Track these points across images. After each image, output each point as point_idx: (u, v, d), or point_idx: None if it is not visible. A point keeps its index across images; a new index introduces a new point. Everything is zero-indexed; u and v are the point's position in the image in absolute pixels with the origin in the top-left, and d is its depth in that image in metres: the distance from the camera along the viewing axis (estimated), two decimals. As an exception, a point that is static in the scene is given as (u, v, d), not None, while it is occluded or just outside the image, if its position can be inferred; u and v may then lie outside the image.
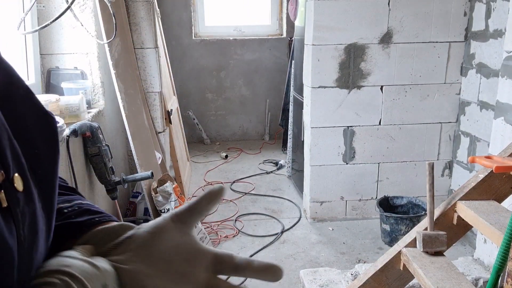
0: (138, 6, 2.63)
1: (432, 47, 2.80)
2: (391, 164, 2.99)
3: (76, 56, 2.20)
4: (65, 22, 2.11)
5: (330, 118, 2.86)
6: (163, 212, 2.28)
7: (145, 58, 2.71)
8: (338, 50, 2.75)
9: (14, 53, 1.97)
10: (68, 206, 0.53)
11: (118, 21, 2.24)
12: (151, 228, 0.45)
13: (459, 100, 2.91)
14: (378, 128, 2.92)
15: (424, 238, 1.66)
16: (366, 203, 3.06)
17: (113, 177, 1.96)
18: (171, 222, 0.46)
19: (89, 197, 1.92)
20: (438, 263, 1.62)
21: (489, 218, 1.57)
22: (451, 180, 3.05)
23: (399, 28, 2.74)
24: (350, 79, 2.81)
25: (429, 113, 2.92)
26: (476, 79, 2.70)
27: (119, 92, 2.18)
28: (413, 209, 2.83)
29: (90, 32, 2.11)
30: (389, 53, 2.78)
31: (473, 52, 2.73)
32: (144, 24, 2.65)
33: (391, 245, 2.55)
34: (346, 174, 2.97)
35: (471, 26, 2.74)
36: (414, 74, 2.84)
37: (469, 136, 2.81)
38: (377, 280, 1.81)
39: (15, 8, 1.90)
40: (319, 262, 2.53)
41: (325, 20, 2.69)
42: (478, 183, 1.72)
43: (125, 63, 2.39)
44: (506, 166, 1.50)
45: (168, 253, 0.44)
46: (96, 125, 1.87)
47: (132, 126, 2.23)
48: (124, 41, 2.47)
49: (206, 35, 4.70)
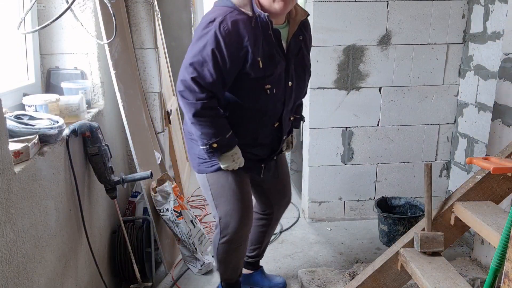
0: (138, 7, 2.63)
1: (430, 49, 2.81)
2: (389, 165, 3.01)
3: (76, 56, 2.20)
4: (65, 22, 2.12)
5: (328, 119, 2.87)
6: (162, 211, 2.29)
7: (145, 59, 2.71)
8: (337, 51, 2.76)
9: (14, 53, 1.97)
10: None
11: (118, 21, 2.24)
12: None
13: (457, 101, 2.92)
14: (376, 129, 2.93)
15: (421, 238, 1.67)
16: (364, 204, 3.07)
17: (113, 177, 1.96)
18: None
19: (89, 196, 1.93)
20: (435, 264, 1.63)
21: (487, 219, 1.58)
22: (448, 181, 3.06)
23: (398, 30, 2.76)
24: (349, 81, 2.82)
25: (427, 115, 2.94)
26: (474, 81, 2.71)
27: (119, 92, 2.19)
28: (411, 210, 2.85)
29: (90, 32, 2.11)
30: (387, 55, 2.80)
31: (471, 54, 2.74)
32: (144, 24, 2.66)
33: (389, 245, 2.56)
34: (344, 175, 2.98)
35: (469, 28, 2.75)
36: (412, 75, 2.85)
37: (467, 137, 2.82)
38: (375, 280, 1.82)
39: (15, 8, 1.91)
40: (317, 262, 2.54)
41: (324, 21, 2.70)
42: (476, 184, 1.73)
43: (125, 63, 2.40)
44: (503, 168, 1.52)
45: None
46: (96, 125, 1.87)
47: (131, 126, 2.24)
48: (124, 42, 2.48)
49: (205, 36, 4.71)
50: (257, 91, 1.69)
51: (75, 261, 1.73)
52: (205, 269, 2.39)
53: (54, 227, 1.52)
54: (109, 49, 2.15)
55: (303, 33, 1.79)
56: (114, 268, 2.23)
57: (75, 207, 1.74)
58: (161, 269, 2.45)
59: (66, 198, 1.64)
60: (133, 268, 2.15)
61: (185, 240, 2.33)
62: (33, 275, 1.33)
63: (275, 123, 1.82)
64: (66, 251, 1.63)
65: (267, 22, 1.62)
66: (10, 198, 1.18)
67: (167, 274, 2.41)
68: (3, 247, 1.14)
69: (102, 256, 2.08)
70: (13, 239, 1.19)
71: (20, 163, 1.30)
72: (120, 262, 2.20)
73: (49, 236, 1.46)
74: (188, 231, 2.32)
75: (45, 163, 1.45)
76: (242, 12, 1.60)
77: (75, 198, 1.73)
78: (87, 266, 1.85)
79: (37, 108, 1.74)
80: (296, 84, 1.80)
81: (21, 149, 1.31)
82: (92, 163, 1.89)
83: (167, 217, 2.29)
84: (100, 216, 2.09)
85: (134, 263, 2.14)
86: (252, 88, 1.69)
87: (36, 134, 1.44)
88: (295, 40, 1.75)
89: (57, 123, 1.58)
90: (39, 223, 1.38)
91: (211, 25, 1.57)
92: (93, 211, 1.97)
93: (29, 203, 1.31)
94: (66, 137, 1.66)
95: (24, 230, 1.27)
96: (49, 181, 1.48)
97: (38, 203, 1.38)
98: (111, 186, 1.97)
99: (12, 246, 1.18)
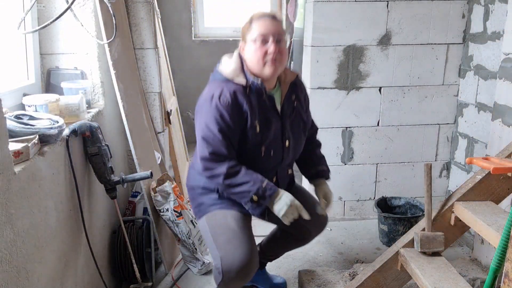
0: (138, 7, 2.63)
1: (430, 49, 2.81)
2: (389, 165, 3.00)
3: (76, 56, 2.20)
4: (65, 22, 2.12)
5: (328, 119, 2.87)
6: (162, 211, 2.29)
7: (144, 59, 2.71)
8: (337, 51, 2.76)
9: (14, 53, 1.97)
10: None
11: (118, 21, 2.24)
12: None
13: (457, 101, 2.92)
14: (376, 129, 2.93)
15: (421, 238, 1.67)
16: (364, 204, 3.07)
17: (113, 177, 1.96)
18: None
19: (88, 196, 1.93)
20: (435, 264, 1.63)
21: (487, 219, 1.58)
22: (448, 181, 3.06)
23: (398, 30, 2.76)
24: (349, 81, 2.82)
25: (427, 115, 2.94)
26: (474, 81, 2.71)
27: (119, 92, 2.19)
28: (411, 210, 2.84)
29: (90, 32, 2.11)
30: (387, 55, 2.80)
31: (471, 54, 2.74)
32: (144, 24, 2.66)
33: (389, 245, 2.56)
34: (344, 175, 2.98)
35: (469, 28, 2.75)
36: (412, 75, 2.85)
37: (467, 137, 2.82)
38: (375, 280, 1.82)
39: (15, 8, 1.90)
40: (318, 262, 2.54)
41: (324, 21, 2.70)
42: (476, 184, 1.73)
43: (125, 63, 2.40)
44: (503, 168, 1.52)
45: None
46: (96, 125, 1.87)
47: (131, 126, 2.24)
48: (124, 42, 2.48)
49: (205, 36, 4.71)
50: (255, 153, 1.75)
51: (75, 261, 1.73)
52: (205, 269, 2.39)
53: (54, 227, 1.52)
54: (109, 49, 2.15)
55: (296, 93, 1.87)
56: (114, 268, 2.23)
57: (75, 207, 1.74)
58: (161, 269, 2.45)
59: (66, 198, 1.64)
60: (133, 268, 2.15)
61: (185, 240, 2.33)
62: (33, 275, 1.33)
63: (272, 178, 1.84)
64: (66, 251, 1.63)
65: (261, 88, 1.71)
66: (10, 198, 1.18)
67: (167, 274, 2.40)
68: (3, 247, 1.14)
69: (102, 256, 2.07)
70: (13, 239, 1.19)
71: (20, 163, 1.30)
72: (120, 262, 2.20)
73: (49, 236, 1.46)
74: (188, 231, 2.32)
75: (45, 163, 1.45)
76: (236, 83, 1.70)
77: (75, 198, 1.73)
78: (87, 266, 1.85)
79: (37, 108, 1.74)
80: (294, 142, 1.85)
81: (21, 149, 1.31)
82: (92, 163, 1.89)
83: (167, 217, 2.29)
84: (100, 216, 2.09)
85: (134, 263, 2.14)
86: (249, 150, 1.74)
87: (36, 134, 1.44)
88: (288, 101, 1.82)
89: (57, 123, 1.58)
90: (39, 223, 1.38)
91: (212, 100, 1.68)
92: (93, 211, 1.97)
93: (29, 203, 1.31)
94: (66, 137, 1.66)
95: (24, 230, 1.27)
96: (49, 181, 1.48)
97: (38, 203, 1.38)
98: (111, 186, 1.97)
99: (12, 246, 1.18)
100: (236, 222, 1.76)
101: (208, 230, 1.80)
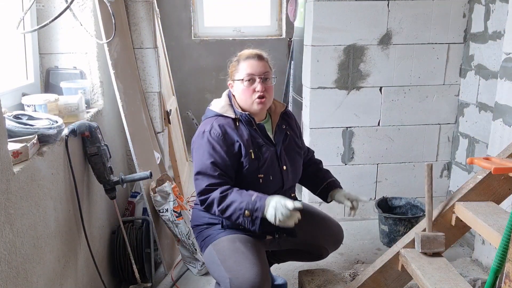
0: (138, 6, 2.63)
1: (431, 48, 2.81)
2: (389, 165, 3.00)
3: (75, 56, 2.19)
4: (65, 21, 2.11)
5: (329, 119, 2.86)
6: (161, 212, 2.28)
7: (144, 58, 2.71)
8: (338, 51, 2.76)
9: (13, 52, 1.97)
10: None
11: (118, 21, 2.24)
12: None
13: (458, 101, 2.92)
14: (377, 129, 2.92)
15: (422, 239, 1.66)
16: (364, 204, 3.06)
17: (112, 177, 1.96)
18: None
19: (88, 196, 1.92)
20: (436, 264, 1.62)
21: (487, 219, 1.57)
22: (449, 181, 3.06)
23: (398, 29, 2.75)
24: (349, 80, 2.81)
25: (428, 115, 2.93)
26: (475, 80, 2.71)
27: (118, 92, 2.18)
28: (412, 210, 2.84)
29: (90, 32, 2.11)
30: (388, 54, 2.79)
31: (472, 54, 2.73)
32: (144, 24, 2.65)
33: (390, 246, 2.56)
34: (345, 175, 2.97)
35: (470, 28, 2.74)
36: (413, 75, 2.85)
37: (468, 137, 2.82)
38: (376, 281, 1.81)
39: (14, 7, 1.90)
40: (318, 263, 2.53)
41: (325, 21, 2.69)
42: (477, 184, 1.72)
43: (124, 63, 2.39)
44: (504, 168, 1.51)
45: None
46: (95, 125, 1.86)
47: (131, 126, 2.23)
48: (124, 41, 2.47)
49: (205, 36, 4.71)
50: (254, 180, 1.79)
51: (75, 262, 1.72)
52: (205, 269, 2.38)
53: (53, 227, 1.51)
54: (108, 48, 2.14)
55: (287, 122, 1.96)
56: (113, 268, 2.23)
57: (74, 207, 1.73)
58: (161, 269, 2.44)
59: (65, 198, 1.64)
60: (132, 269, 2.14)
61: (184, 240, 2.32)
62: (32, 275, 1.32)
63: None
64: (65, 252, 1.62)
65: (250, 119, 1.81)
66: (9, 198, 1.17)
67: (167, 274, 2.40)
68: (2, 247, 1.13)
69: (101, 257, 2.07)
70: (12, 239, 1.19)
71: (19, 163, 1.29)
72: (119, 262, 2.20)
73: (48, 236, 1.46)
74: (188, 231, 2.31)
75: (44, 163, 1.44)
76: (226, 117, 1.81)
77: (74, 198, 1.72)
78: (86, 266, 1.84)
79: (36, 108, 1.73)
80: (291, 166, 1.90)
81: (20, 149, 1.30)
82: (91, 163, 1.89)
83: (167, 218, 2.28)
84: (99, 216, 2.08)
85: (134, 264, 2.13)
86: (248, 177, 1.78)
87: (35, 134, 1.44)
88: (279, 129, 1.91)
89: (56, 123, 1.57)
90: (38, 223, 1.38)
91: (204, 135, 1.77)
92: (92, 212, 1.97)
93: (28, 203, 1.31)
94: (65, 137, 1.65)
95: (23, 231, 1.27)
96: (48, 181, 1.47)
97: (37, 203, 1.37)
98: (110, 186, 1.97)
99: (11, 247, 1.18)
100: (245, 244, 1.74)
101: (214, 255, 1.74)
